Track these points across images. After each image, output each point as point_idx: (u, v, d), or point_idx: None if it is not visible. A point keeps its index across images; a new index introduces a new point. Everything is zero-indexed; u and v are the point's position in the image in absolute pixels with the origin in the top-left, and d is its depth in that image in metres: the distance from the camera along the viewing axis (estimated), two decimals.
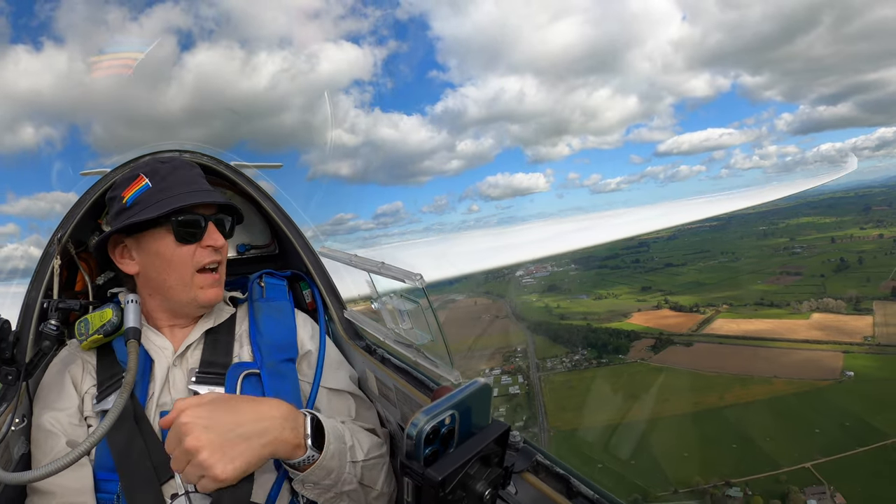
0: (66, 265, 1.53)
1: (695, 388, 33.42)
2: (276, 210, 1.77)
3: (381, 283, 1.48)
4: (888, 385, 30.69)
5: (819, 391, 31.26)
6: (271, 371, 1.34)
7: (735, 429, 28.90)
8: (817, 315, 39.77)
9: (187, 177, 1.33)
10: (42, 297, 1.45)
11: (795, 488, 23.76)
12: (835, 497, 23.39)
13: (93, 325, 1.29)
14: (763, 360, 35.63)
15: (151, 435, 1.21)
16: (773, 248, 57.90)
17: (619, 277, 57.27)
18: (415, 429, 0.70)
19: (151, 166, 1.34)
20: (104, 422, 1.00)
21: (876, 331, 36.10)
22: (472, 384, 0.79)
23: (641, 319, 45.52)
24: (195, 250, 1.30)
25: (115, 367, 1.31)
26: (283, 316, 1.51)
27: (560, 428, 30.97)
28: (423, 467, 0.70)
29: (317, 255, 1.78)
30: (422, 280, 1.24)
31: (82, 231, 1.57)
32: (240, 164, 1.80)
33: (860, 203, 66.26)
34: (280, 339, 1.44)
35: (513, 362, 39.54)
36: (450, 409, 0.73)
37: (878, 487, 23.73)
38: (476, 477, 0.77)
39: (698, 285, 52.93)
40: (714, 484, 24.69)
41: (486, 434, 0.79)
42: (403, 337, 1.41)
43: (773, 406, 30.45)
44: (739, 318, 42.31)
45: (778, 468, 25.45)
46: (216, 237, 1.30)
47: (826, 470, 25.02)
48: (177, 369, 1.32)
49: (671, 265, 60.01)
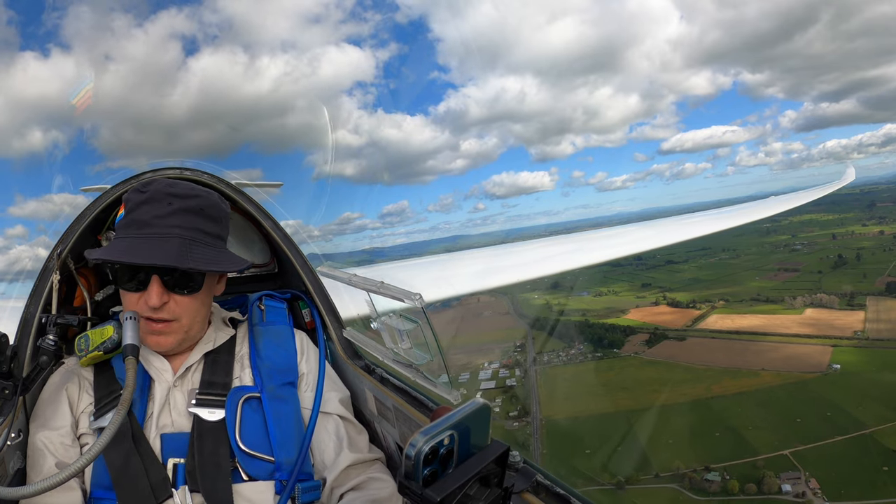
0: (65, 280, 1.52)
1: (684, 380, 34.54)
2: (275, 229, 1.78)
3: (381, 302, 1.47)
4: (872, 378, 31.49)
5: (804, 383, 32.13)
6: (271, 395, 1.35)
7: (720, 418, 30.04)
8: (810, 310, 40.45)
9: (153, 214, 1.25)
10: (41, 312, 1.44)
11: (771, 473, 24.87)
12: (809, 482, 24.46)
13: (93, 342, 1.29)
14: (753, 354, 36.56)
15: (150, 454, 1.21)
16: (774, 245, 58.26)
17: (621, 275, 58.12)
18: (413, 449, 0.69)
19: (130, 195, 1.30)
20: (101, 438, 0.98)
21: (867, 326, 36.75)
22: (472, 404, 0.78)
23: (638, 315, 46.55)
24: (141, 297, 1.26)
25: (114, 384, 1.30)
26: (283, 339, 1.51)
27: (551, 417, 32.38)
28: (422, 488, 0.70)
29: (316, 274, 1.78)
30: (421, 300, 1.25)
31: (82, 246, 1.56)
32: (241, 183, 1.81)
33: (865, 200, 66.05)
34: (280, 362, 1.44)
35: (511, 357, 41.09)
36: (449, 430, 0.73)
37: (851, 473, 24.70)
38: (475, 497, 0.76)
39: (697, 282, 53.70)
40: (694, 469, 25.90)
41: (486, 454, 0.78)
42: (403, 357, 1.41)
43: (758, 397, 31.44)
44: (734, 313, 43.16)
45: (757, 455, 26.57)
46: (152, 296, 1.23)
47: (803, 457, 26.03)
48: (177, 390, 1.32)
49: (672, 262, 60.68)
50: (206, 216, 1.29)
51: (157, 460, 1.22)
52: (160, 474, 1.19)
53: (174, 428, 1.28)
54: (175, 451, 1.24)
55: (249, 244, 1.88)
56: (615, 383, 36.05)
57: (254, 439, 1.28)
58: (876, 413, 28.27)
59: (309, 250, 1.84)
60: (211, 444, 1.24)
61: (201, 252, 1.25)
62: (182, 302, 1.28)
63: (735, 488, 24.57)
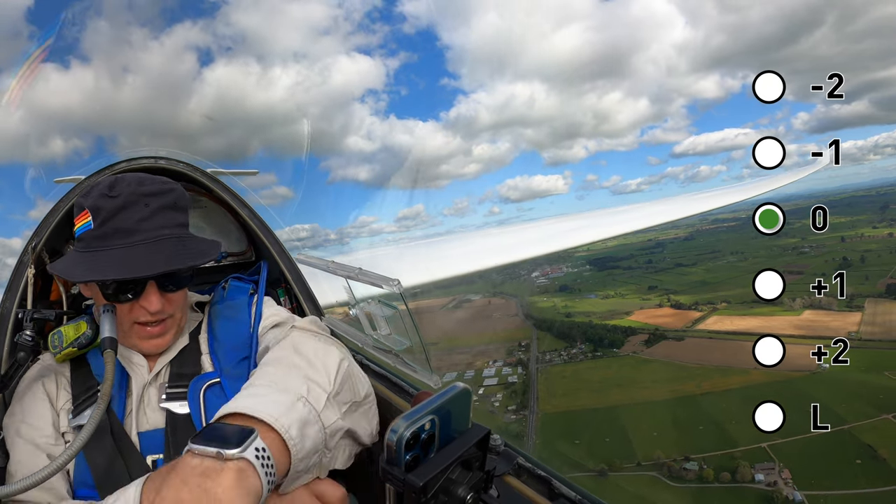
0: (40, 275, 1.50)
1: (677, 378, 36.16)
2: (252, 217, 1.78)
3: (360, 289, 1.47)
4: (858, 378, 32.53)
5: (791, 381, 33.34)
6: (231, 375, 1.32)
7: (705, 413, 31.70)
8: (808, 312, 41.30)
9: (136, 219, 1.19)
10: (16, 308, 1.43)
11: (746, 464, 26.55)
12: (782, 473, 26.05)
13: (67, 338, 1.27)
14: (747, 353, 37.81)
15: (131, 451, 1.21)
16: (783, 247, 58.33)
17: (629, 277, 59.44)
18: (395, 435, 0.69)
19: (97, 202, 1.20)
20: (81, 434, 0.98)
21: (861, 328, 37.53)
22: (452, 389, 0.79)
23: (641, 317, 48.08)
24: (132, 306, 1.25)
25: (91, 380, 1.28)
26: (238, 313, 1.45)
27: (548, 411, 34.60)
28: (405, 473, 0.70)
29: (294, 261, 1.79)
30: (399, 285, 1.28)
31: (57, 240, 1.55)
32: (216, 171, 1.80)
33: (879, 201, 65.33)
34: (234, 339, 1.40)
35: (515, 355, 43.39)
36: (430, 415, 0.73)
37: (825, 466, 26.14)
38: (458, 481, 0.76)
39: (703, 284, 54.62)
40: (674, 458, 27.77)
41: (467, 438, 0.79)
42: (382, 343, 1.43)
43: (745, 394, 32.82)
44: (734, 315, 44.28)
45: (736, 447, 28.23)
46: (152, 301, 1.23)
47: (780, 450, 27.49)
48: (151, 387, 1.32)
49: (681, 265, 61.61)
50: (180, 208, 1.29)
51: (139, 456, 1.21)
52: (142, 470, 1.17)
53: (150, 425, 1.28)
54: (153, 447, 1.25)
55: (226, 233, 1.88)
56: (611, 380, 37.92)
57: None
58: (857, 410, 29.48)
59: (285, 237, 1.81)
60: (184, 435, 1.23)
61: (191, 245, 1.26)
62: (174, 298, 1.29)
63: (710, 476, 26.37)
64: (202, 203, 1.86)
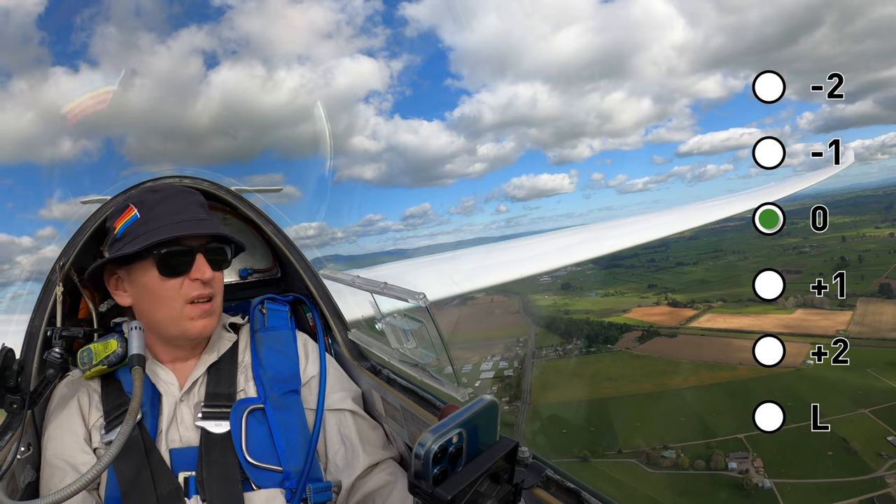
0: (68, 293, 1.52)
1: (665, 372, 37.50)
2: (277, 234, 1.81)
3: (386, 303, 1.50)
4: (841, 374, 33.50)
5: (776, 377, 34.39)
6: (275, 405, 1.36)
7: (689, 406, 33.07)
8: (801, 311, 42.11)
9: (177, 206, 1.31)
10: (45, 325, 1.44)
11: (721, 453, 27.93)
12: (754, 462, 27.38)
13: (96, 356, 1.29)
14: (736, 350, 38.98)
15: (161, 467, 1.23)
16: (784, 247, 58.66)
17: (631, 276, 60.42)
18: (422, 448, 0.69)
19: (141, 196, 1.33)
20: (110, 450, 1.00)
21: (850, 327, 38.32)
22: (479, 401, 0.78)
23: (637, 314, 49.32)
24: (183, 282, 1.30)
25: (122, 397, 1.31)
26: (285, 346, 1.51)
27: (539, 403, 36.30)
28: (433, 486, 0.70)
29: (319, 277, 1.81)
30: (425, 299, 1.30)
31: (85, 258, 1.57)
32: (240, 189, 1.85)
33: (884, 201, 64.98)
34: (283, 370, 1.45)
35: (512, 350, 45.02)
36: (457, 428, 0.73)
37: (798, 456, 27.40)
38: (486, 494, 0.76)
39: (702, 283, 55.48)
40: (654, 447, 29.27)
41: (495, 451, 0.78)
42: (408, 356, 1.44)
43: (730, 388, 34.07)
44: (728, 313, 45.28)
45: (715, 437, 29.62)
46: (204, 270, 1.29)
47: (756, 440, 28.76)
48: (183, 405, 1.34)
49: (682, 264, 62.42)
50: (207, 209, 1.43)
51: (168, 472, 1.24)
52: (171, 485, 1.20)
53: (182, 443, 1.30)
54: (185, 464, 1.27)
55: (251, 250, 1.94)
56: (602, 374, 39.42)
57: (260, 451, 1.31)
58: (836, 404, 30.59)
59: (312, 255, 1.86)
60: (219, 454, 1.27)
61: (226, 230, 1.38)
62: (217, 278, 1.36)
63: (686, 464, 27.85)
64: (227, 221, 1.91)
